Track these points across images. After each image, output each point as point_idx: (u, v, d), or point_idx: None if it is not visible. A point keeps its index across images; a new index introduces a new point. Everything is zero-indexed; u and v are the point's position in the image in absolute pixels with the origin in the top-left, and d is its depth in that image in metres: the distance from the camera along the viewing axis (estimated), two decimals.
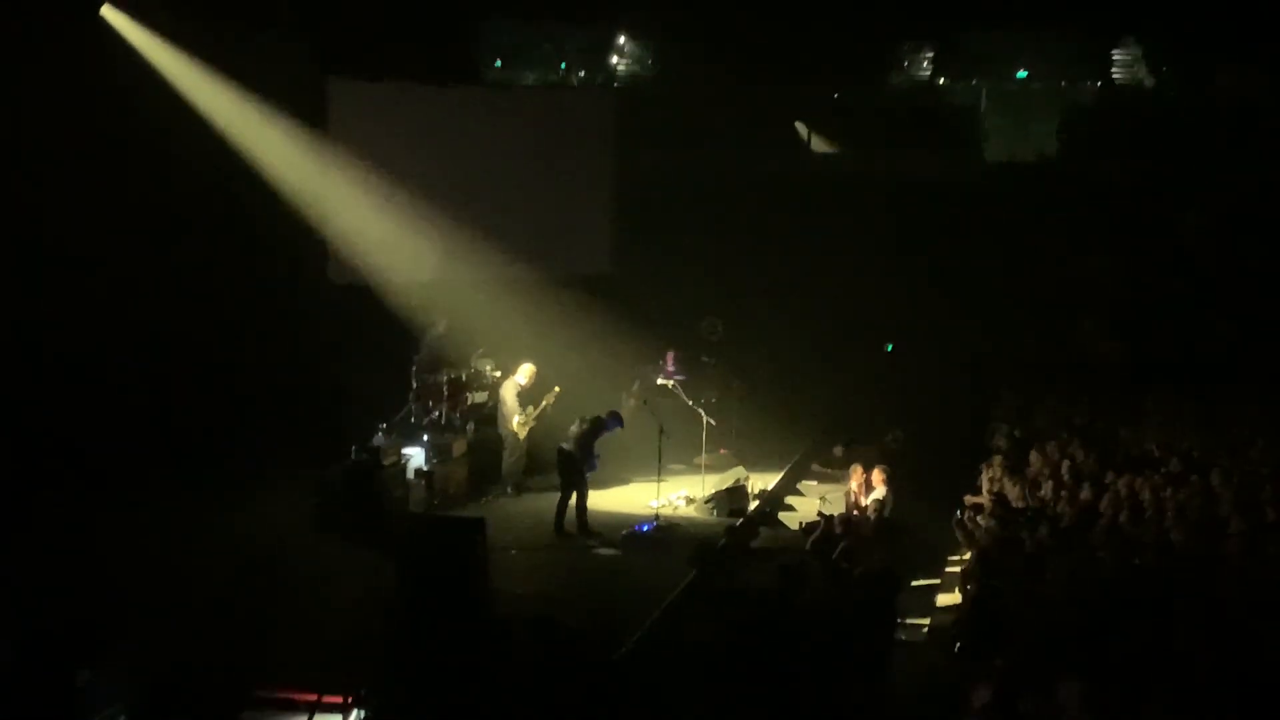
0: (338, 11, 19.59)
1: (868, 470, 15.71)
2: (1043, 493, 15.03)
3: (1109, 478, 15.16)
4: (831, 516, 14.87)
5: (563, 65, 26.14)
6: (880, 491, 15.34)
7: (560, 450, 15.97)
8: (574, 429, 16.04)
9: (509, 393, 17.13)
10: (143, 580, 12.58)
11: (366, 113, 20.48)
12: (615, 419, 16.33)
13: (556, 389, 17.20)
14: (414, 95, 21.10)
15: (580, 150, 22.72)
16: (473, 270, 20.66)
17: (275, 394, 17.61)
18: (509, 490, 17.14)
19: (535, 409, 17.09)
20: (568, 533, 15.56)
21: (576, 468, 15.74)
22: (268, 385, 17.73)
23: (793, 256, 24.03)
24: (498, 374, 18.06)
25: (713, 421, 17.60)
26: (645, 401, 17.57)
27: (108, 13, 17.32)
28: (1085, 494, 14.65)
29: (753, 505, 16.91)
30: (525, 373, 17.20)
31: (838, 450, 18.98)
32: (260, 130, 18.58)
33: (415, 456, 16.40)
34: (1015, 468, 16.06)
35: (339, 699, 10.50)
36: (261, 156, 18.54)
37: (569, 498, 15.70)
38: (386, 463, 15.55)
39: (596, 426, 16.06)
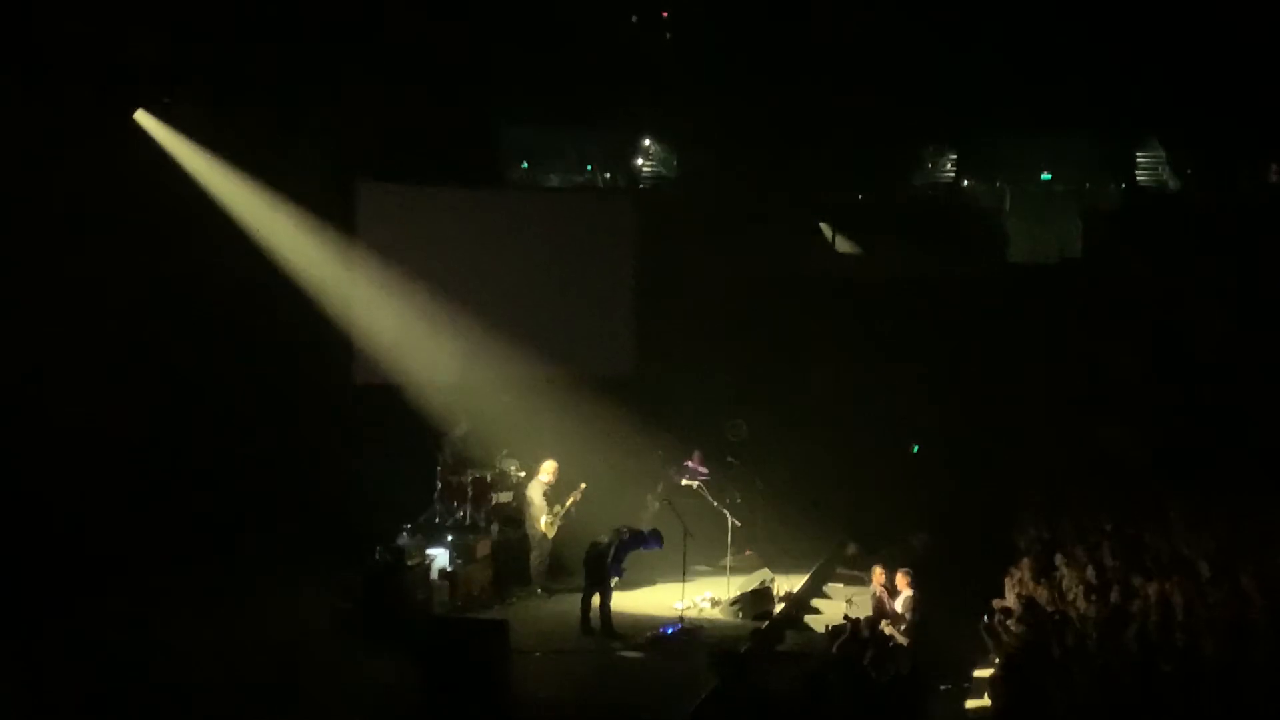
0: (366, 117, 19.92)
1: (891, 573, 15.59)
2: (1071, 597, 14.90)
3: (1138, 582, 15.04)
4: (858, 620, 14.75)
5: (588, 167, 26.43)
6: (906, 595, 15.21)
7: (593, 545, 15.87)
8: (612, 533, 16.00)
9: (536, 492, 17.11)
10: (159, 681, 12.57)
11: (394, 215, 20.75)
12: (657, 538, 16.25)
13: (583, 486, 17.20)
14: (441, 198, 21.38)
15: (604, 251, 22.89)
16: (497, 370, 20.73)
17: (299, 493, 17.66)
18: (538, 591, 17.07)
19: (561, 507, 17.08)
20: (593, 633, 15.48)
21: (604, 568, 15.69)
22: (291, 484, 17.80)
23: (816, 357, 24.01)
24: (522, 474, 18.04)
25: (738, 523, 17.56)
26: (669, 502, 17.51)
27: (141, 117, 17.66)
28: (1114, 598, 14.52)
29: (778, 608, 16.78)
30: (548, 470, 17.19)
31: (850, 549, 18.85)
32: (289, 232, 18.89)
33: (439, 557, 16.37)
34: (1042, 571, 15.91)
35: None
36: (289, 258, 18.82)
37: (592, 597, 15.64)
38: (410, 563, 15.57)
39: (636, 540, 16.04)
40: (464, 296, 20.37)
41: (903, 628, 14.63)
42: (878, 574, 15.52)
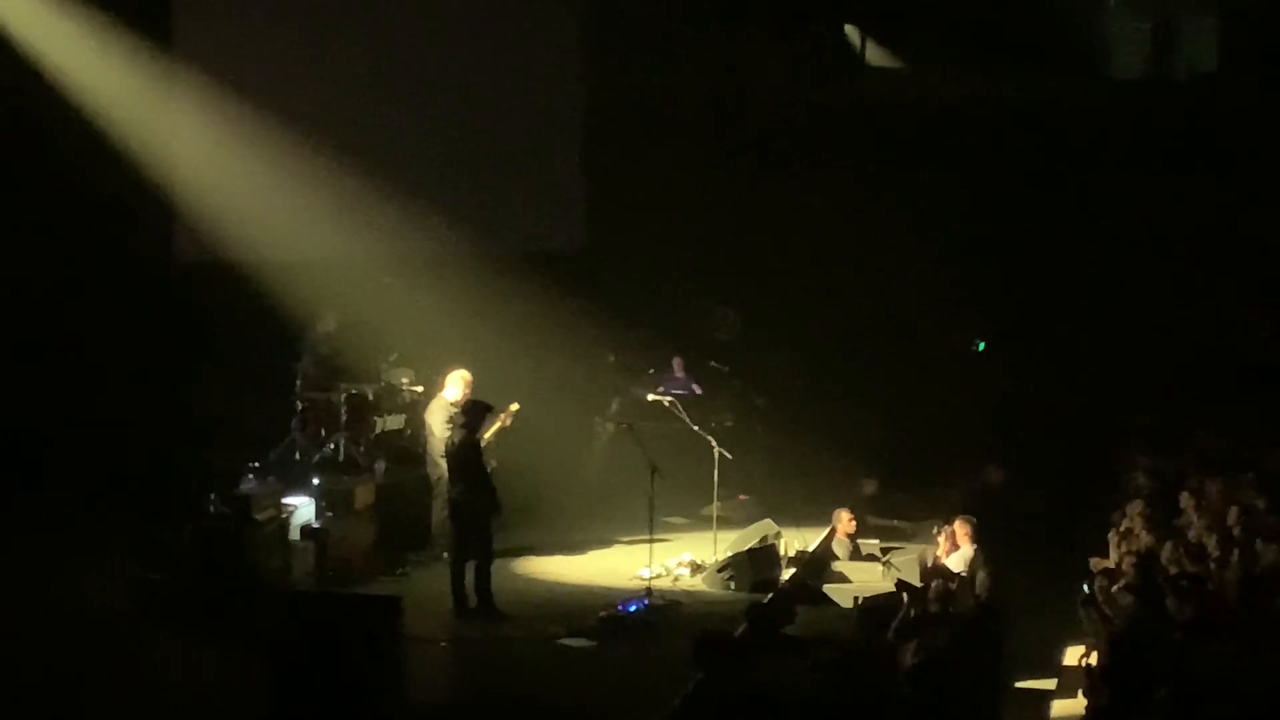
0: None
1: (947, 522, 15.80)
2: (1207, 551, 14.86)
3: None
4: (908, 588, 14.73)
5: None
6: (966, 553, 15.27)
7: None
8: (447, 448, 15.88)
9: (437, 417, 17.03)
10: None
11: (229, 17, 20.39)
12: (474, 412, 15.86)
13: (513, 407, 17.07)
14: None
15: (538, 68, 22.81)
16: (383, 243, 20.74)
17: (100, 420, 17.73)
18: (442, 555, 16.96)
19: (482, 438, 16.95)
20: (504, 614, 15.39)
21: (474, 511, 15.56)
22: (89, 407, 17.87)
23: (837, 219, 23.97)
24: (419, 389, 18.13)
25: (728, 455, 17.57)
26: (629, 426, 17.45)
27: None
28: (1269, 556, 14.45)
29: (786, 574, 16.86)
30: (458, 384, 17.06)
31: (869, 488, 18.89)
32: (75, 41, 18.51)
33: (301, 509, 16.38)
34: (1162, 519, 16.01)
35: None
36: (77, 78, 18.47)
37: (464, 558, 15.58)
38: (259, 518, 15.48)
39: (470, 434, 15.67)
40: (335, 134, 20.24)
41: (961, 598, 14.56)
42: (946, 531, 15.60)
